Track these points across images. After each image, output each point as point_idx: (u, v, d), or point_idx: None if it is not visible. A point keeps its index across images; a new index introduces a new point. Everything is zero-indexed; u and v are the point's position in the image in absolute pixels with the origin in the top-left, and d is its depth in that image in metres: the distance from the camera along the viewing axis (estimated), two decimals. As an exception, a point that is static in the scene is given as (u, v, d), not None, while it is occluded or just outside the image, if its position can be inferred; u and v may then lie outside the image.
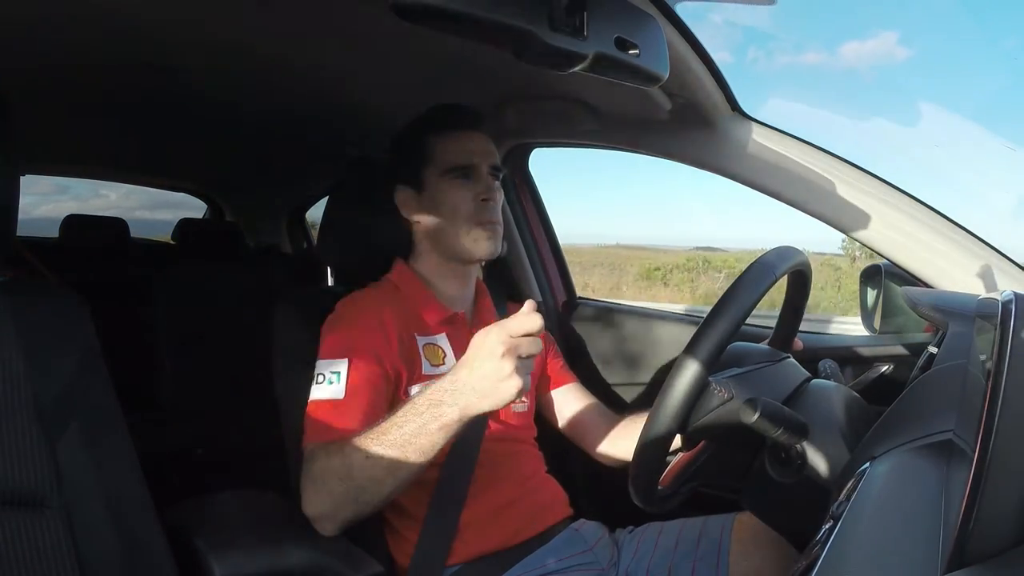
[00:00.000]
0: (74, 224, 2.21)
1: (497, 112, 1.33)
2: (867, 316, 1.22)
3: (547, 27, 0.61)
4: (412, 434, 0.82)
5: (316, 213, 2.52)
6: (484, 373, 0.78)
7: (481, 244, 1.07)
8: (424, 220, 1.10)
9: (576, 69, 0.66)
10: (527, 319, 0.78)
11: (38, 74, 1.30)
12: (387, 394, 1.00)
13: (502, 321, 0.79)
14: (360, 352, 0.98)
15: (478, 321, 1.14)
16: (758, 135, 1.11)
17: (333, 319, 1.04)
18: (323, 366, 0.98)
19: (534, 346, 0.78)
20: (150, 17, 1.04)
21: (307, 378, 1.05)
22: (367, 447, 0.84)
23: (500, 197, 1.11)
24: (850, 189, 1.04)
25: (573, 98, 1.21)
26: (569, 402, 1.24)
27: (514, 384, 0.77)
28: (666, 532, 1.08)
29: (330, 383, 0.96)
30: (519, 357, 0.77)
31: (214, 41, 1.15)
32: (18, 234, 0.83)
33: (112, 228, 2.27)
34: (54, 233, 2.34)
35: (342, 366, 0.96)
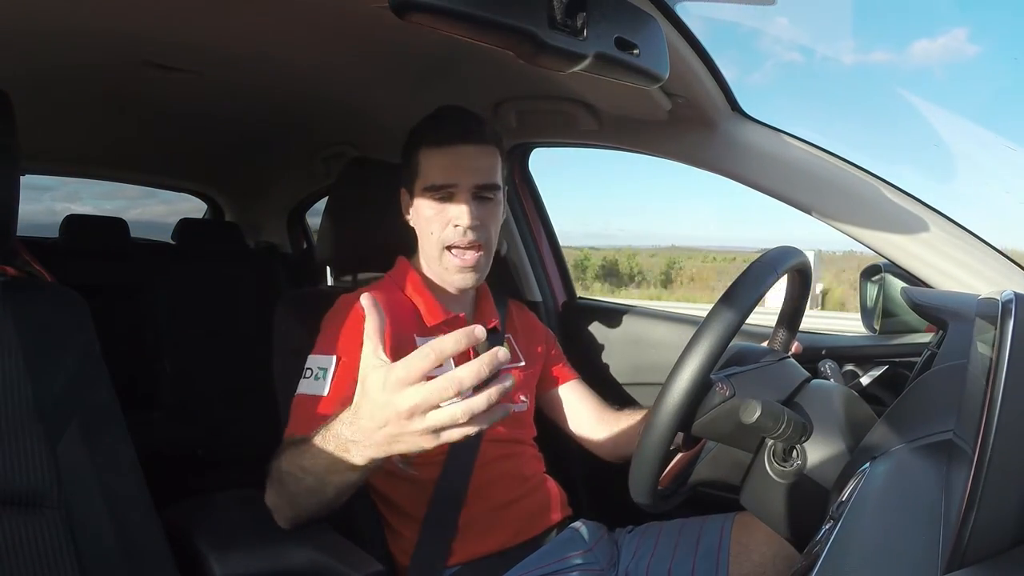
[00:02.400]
0: (74, 224, 2.20)
1: (497, 112, 1.33)
2: (867, 316, 1.22)
3: (547, 27, 0.61)
4: (325, 469, 0.77)
5: (316, 212, 2.52)
6: (386, 431, 0.66)
7: (451, 274, 1.03)
8: (415, 228, 1.09)
9: (576, 69, 0.66)
10: (421, 360, 0.63)
11: (39, 74, 1.30)
12: None
13: (389, 367, 0.65)
14: (351, 351, 0.96)
15: (479, 323, 1.14)
16: (758, 135, 1.11)
17: (331, 315, 1.04)
18: (312, 361, 0.97)
19: (446, 391, 0.63)
20: (150, 17, 1.04)
21: (307, 378, 1.05)
22: (295, 463, 0.81)
23: (490, 216, 1.03)
24: (850, 189, 1.04)
25: (573, 98, 1.21)
26: (571, 400, 1.24)
27: (428, 440, 0.65)
28: (666, 532, 1.08)
29: (316, 379, 0.95)
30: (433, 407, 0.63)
31: (214, 41, 1.15)
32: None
33: (112, 228, 2.27)
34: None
35: (330, 363, 0.96)
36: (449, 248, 1.02)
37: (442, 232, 1.01)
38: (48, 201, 2.78)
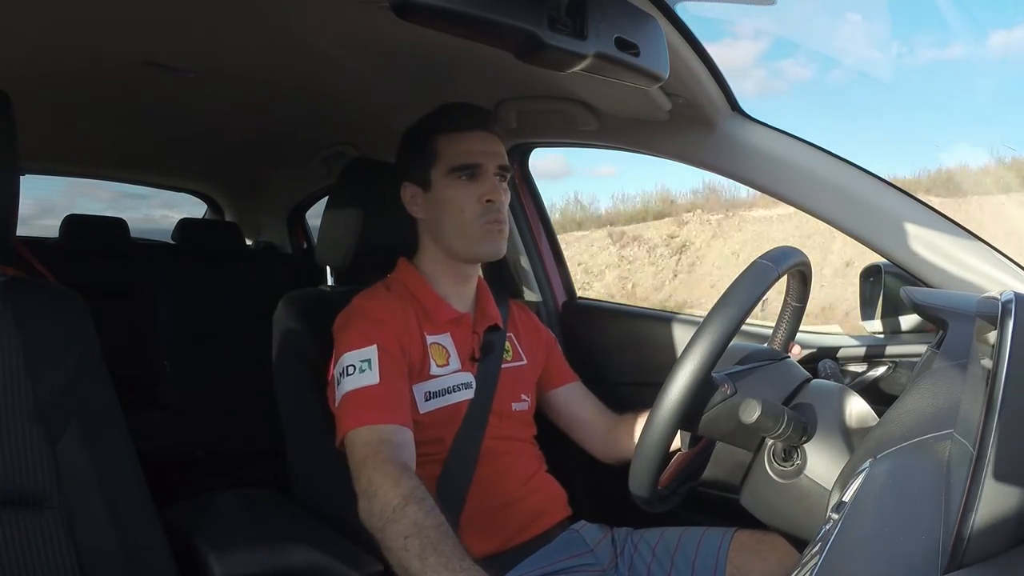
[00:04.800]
0: (74, 224, 2.21)
1: (497, 112, 1.33)
2: (867, 316, 1.22)
3: (547, 27, 0.61)
4: None
5: (316, 212, 2.52)
6: None
7: (485, 245, 1.07)
8: (430, 219, 1.10)
9: (576, 69, 0.66)
10: None
11: (39, 74, 1.30)
12: (408, 385, 1.00)
13: None
14: (385, 339, 0.98)
15: (481, 322, 1.14)
16: (758, 135, 1.11)
17: (350, 312, 1.04)
18: (350, 358, 0.97)
19: None
20: (150, 17, 1.04)
21: (307, 378, 1.05)
22: (413, 556, 0.79)
23: (507, 198, 1.10)
24: (850, 189, 1.04)
25: (573, 98, 1.21)
26: (570, 401, 1.24)
27: None
28: (667, 536, 1.08)
29: (362, 371, 0.95)
30: None
31: (214, 42, 1.15)
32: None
33: (112, 228, 2.27)
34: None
35: (371, 353, 0.96)
36: (481, 224, 1.06)
37: (474, 209, 1.05)
38: (145, 209, 2.83)
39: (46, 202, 2.86)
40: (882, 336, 1.18)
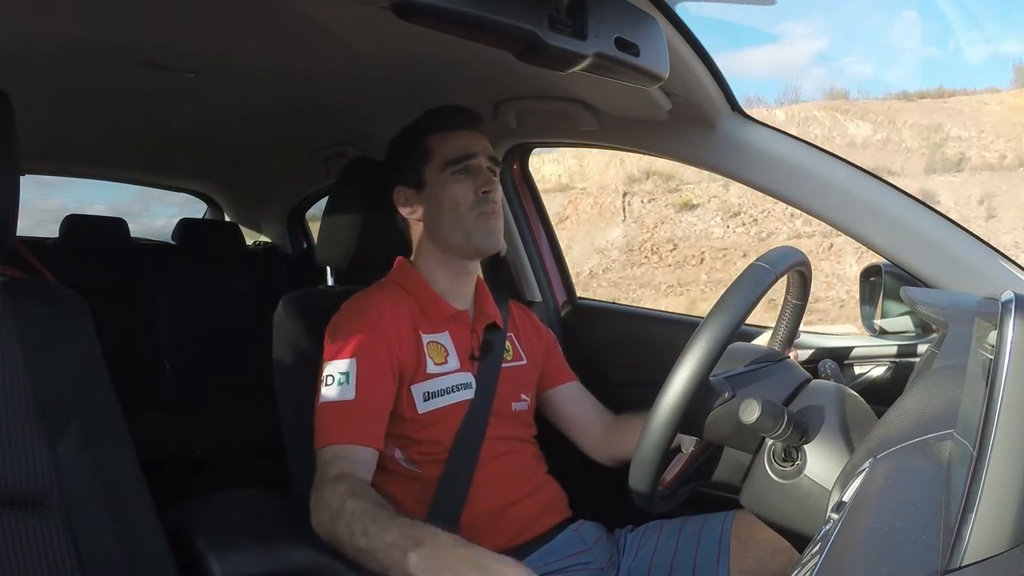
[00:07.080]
0: (74, 224, 2.21)
1: (497, 112, 1.33)
2: (867, 316, 1.22)
3: (547, 27, 0.61)
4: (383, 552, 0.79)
5: (316, 213, 2.52)
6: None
7: (482, 236, 1.08)
8: (426, 218, 1.10)
9: (576, 69, 0.66)
10: None
11: (38, 74, 1.30)
12: (393, 392, 1.00)
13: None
14: (368, 351, 0.98)
15: (480, 320, 1.14)
16: (758, 135, 1.11)
17: (339, 319, 1.04)
18: (331, 367, 0.98)
19: None
20: (150, 18, 1.04)
21: (307, 378, 1.05)
22: (358, 535, 0.82)
23: (499, 192, 1.11)
24: (849, 189, 1.04)
25: (573, 98, 1.21)
26: (568, 401, 1.24)
27: None
28: (667, 531, 1.08)
29: (339, 384, 0.96)
30: None
31: (214, 42, 1.15)
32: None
33: (112, 228, 2.28)
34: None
35: (350, 367, 0.97)
36: (478, 215, 1.07)
37: (470, 201, 1.07)
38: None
39: (119, 208, 2.90)
40: (882, 336, 1.18)
